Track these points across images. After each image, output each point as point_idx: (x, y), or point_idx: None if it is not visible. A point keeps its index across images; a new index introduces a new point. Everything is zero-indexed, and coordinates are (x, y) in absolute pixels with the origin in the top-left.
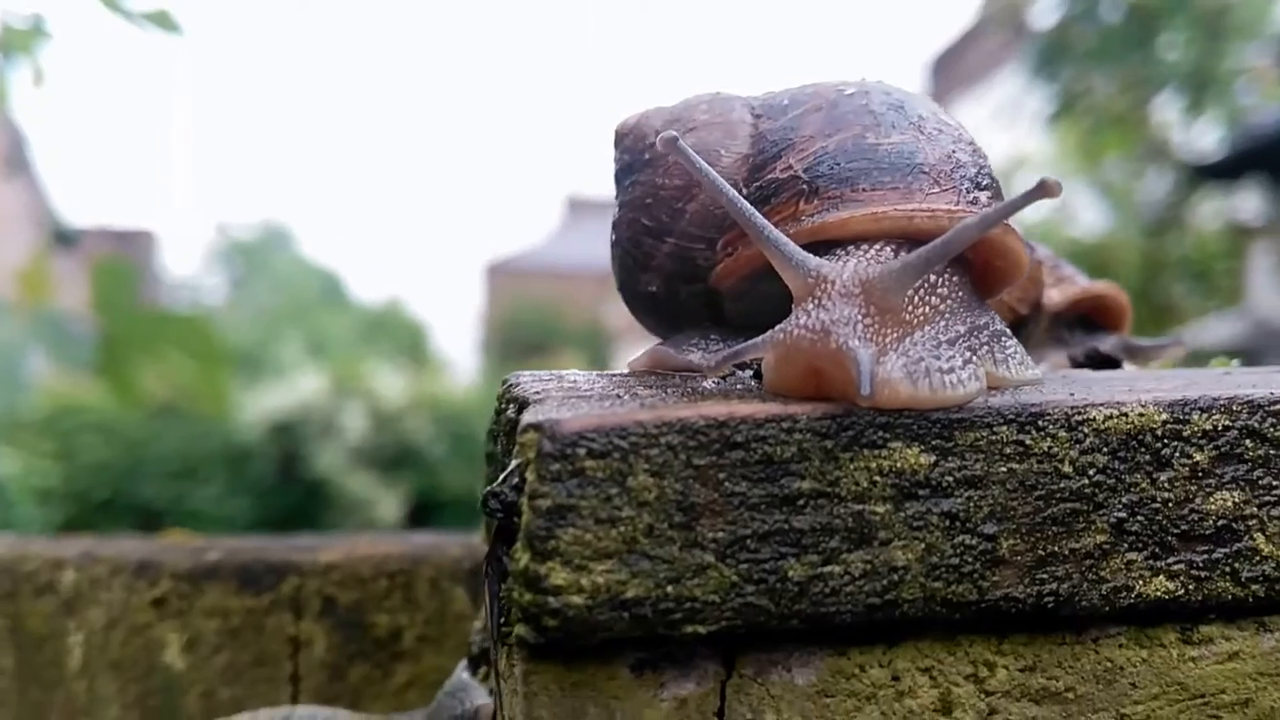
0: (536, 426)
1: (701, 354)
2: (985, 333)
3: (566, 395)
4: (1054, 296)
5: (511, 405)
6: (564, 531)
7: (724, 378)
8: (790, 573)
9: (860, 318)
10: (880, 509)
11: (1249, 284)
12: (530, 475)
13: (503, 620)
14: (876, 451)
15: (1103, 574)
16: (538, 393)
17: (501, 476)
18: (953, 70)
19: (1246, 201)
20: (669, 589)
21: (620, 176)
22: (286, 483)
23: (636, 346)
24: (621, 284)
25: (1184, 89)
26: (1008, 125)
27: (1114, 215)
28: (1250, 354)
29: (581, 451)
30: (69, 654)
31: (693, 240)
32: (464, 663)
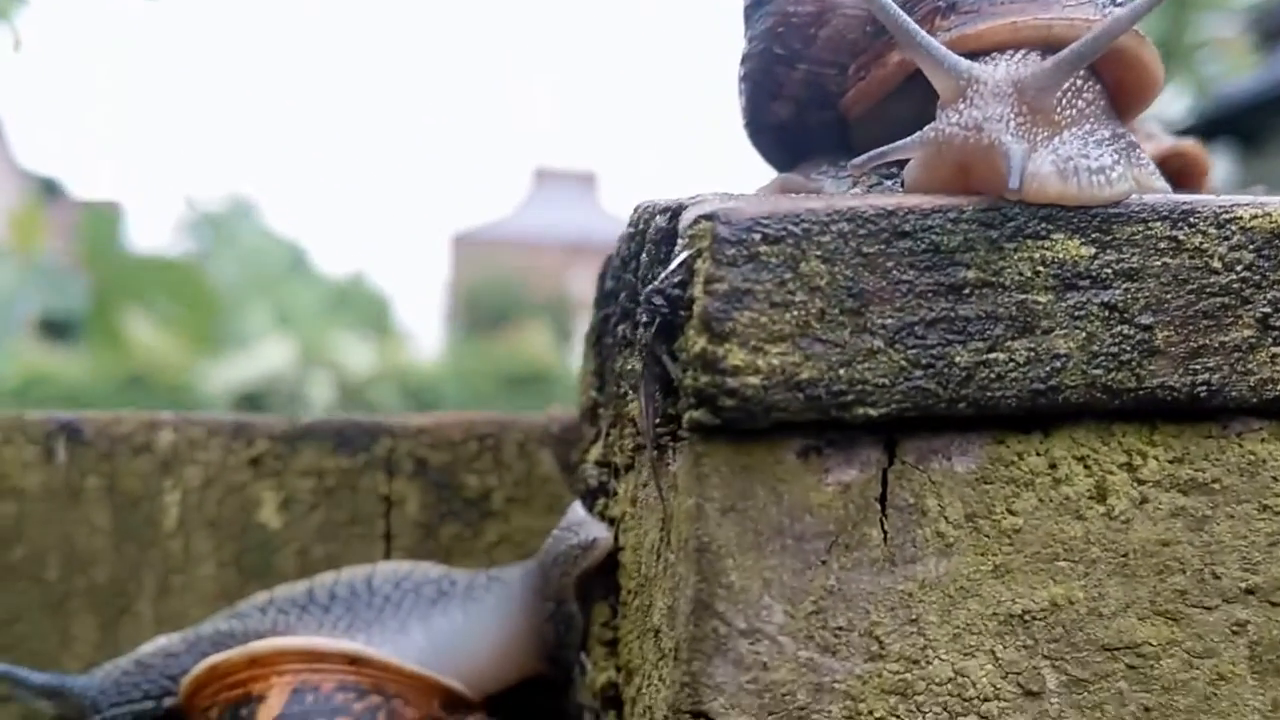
0: (709, 216)
1: (832, 179)
2: (1125, 140)
3: (720, 199)
4: (1146, 149)
5: (660, 216)
6: (740, 314)
7: (869, 188)
8: (957, 358)
9: (1012, 116)
10: (1043, 298)
11: None
12: (704, 263)
13: (658, 421)
14: (1039, 243)
15: (1250, 367)
16: (691, 198)
17: (664, 273)
18: None
19: (1216, 169)
20: (841, 372)
21: (750, 11)
22: None
23: None
24: (749, 118)
25: None
26: None
27: None
28: None
29: (756, 237)
30: (165, 512)
31: (825, 65)
32: (577, 502)
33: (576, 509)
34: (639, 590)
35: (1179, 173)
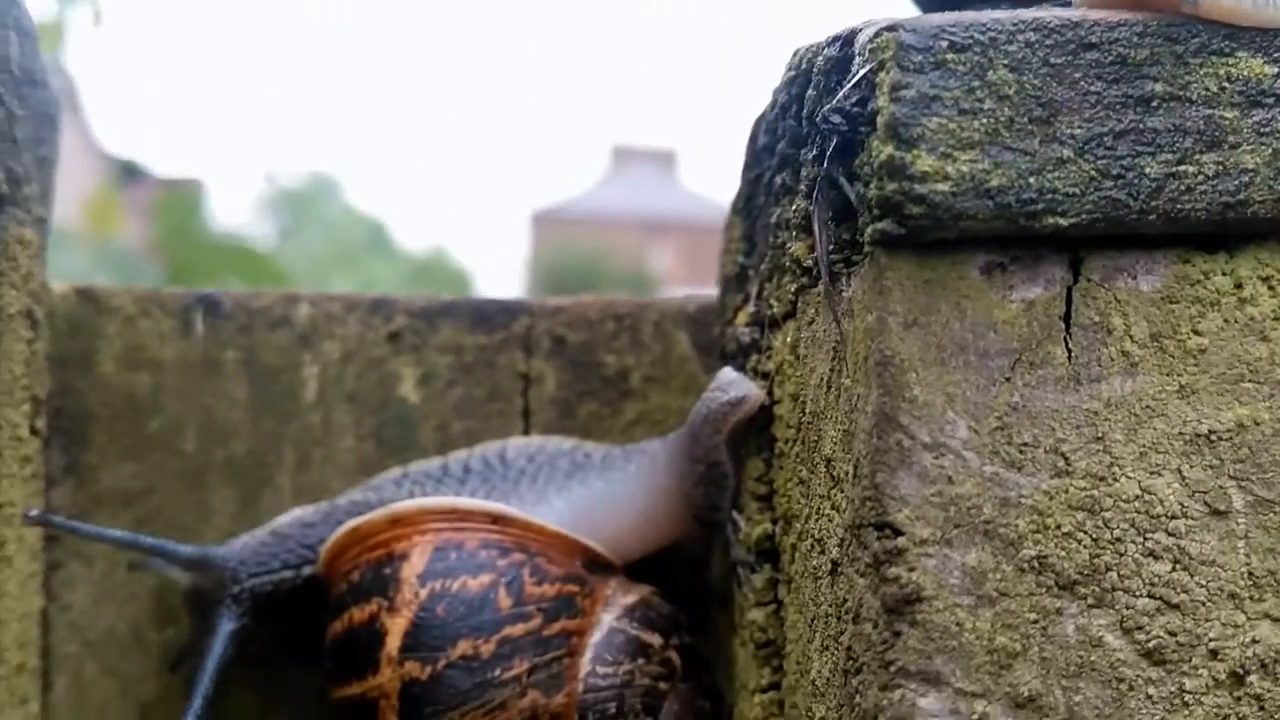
0: (892, 27)
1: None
2: None
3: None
4: None
5: (829, 48)
6: (928, 120)
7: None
8: (1147, 169)
9: None
10: (1229, 114)
11: None
12: (889, 73)
13: (831, 249)
14: (1224, 59)
15: None
16: (862, 23)
17: (844, 89)
18: None
19: None
20: (1031, 180)
21: None
22: None
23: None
24: None
25: None
26: None
27: None
28: None
29: (943, 44)
30: (304, 386)
31: None
32: (727, 367)
33: (726, 371)
34: (801, 432)
35: None
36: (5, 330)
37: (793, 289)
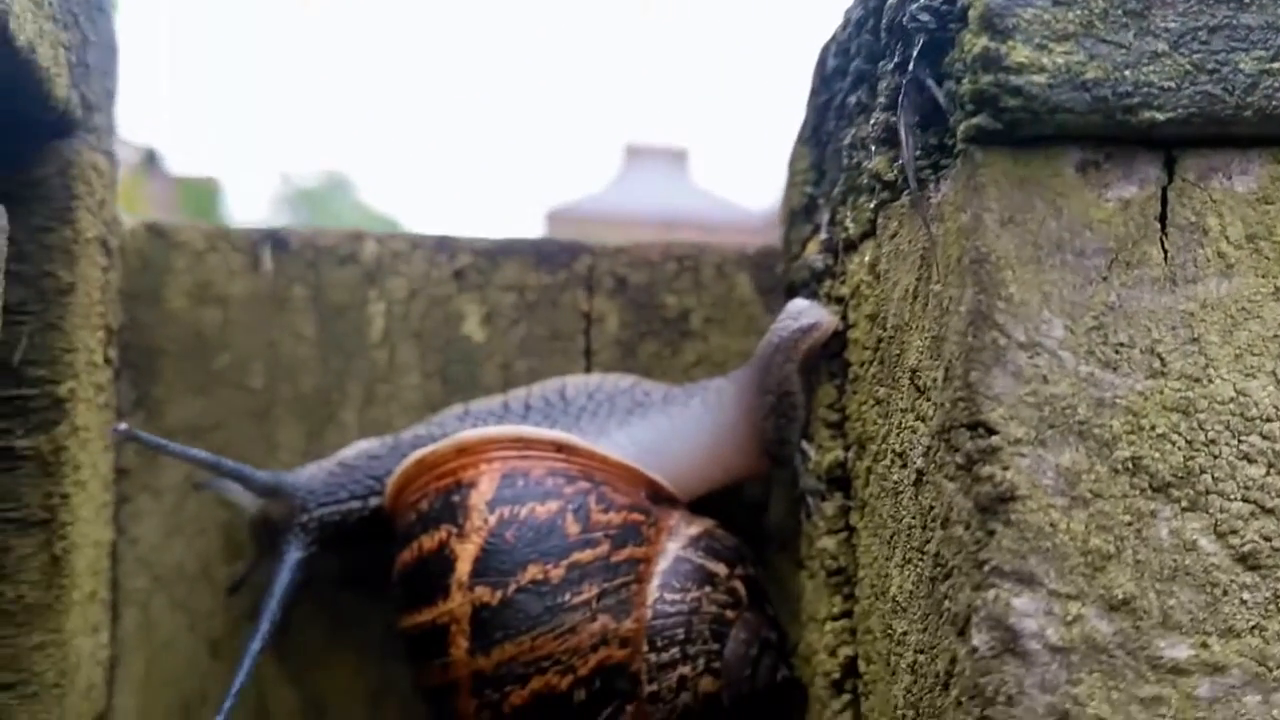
0: None
1: None
2: None
3: None
4: None
5: None
6: (1023, 10)
7: None
8: (1242, 65)
9: None
10: None
11: None
12: None
13: (918, 154)
14: None
15: None
16: None
17: None
18: None
19: None
20: (1127, 73)
21: None
22: None
23: None
24: None
25: None
26: None
27: None
28: None
29: None
30: (370, 323)
31: None
32: (797, 298)
33: (796, 302)
34: (879, 351)
35: None
36: (82, 255)
37: (871, 206)
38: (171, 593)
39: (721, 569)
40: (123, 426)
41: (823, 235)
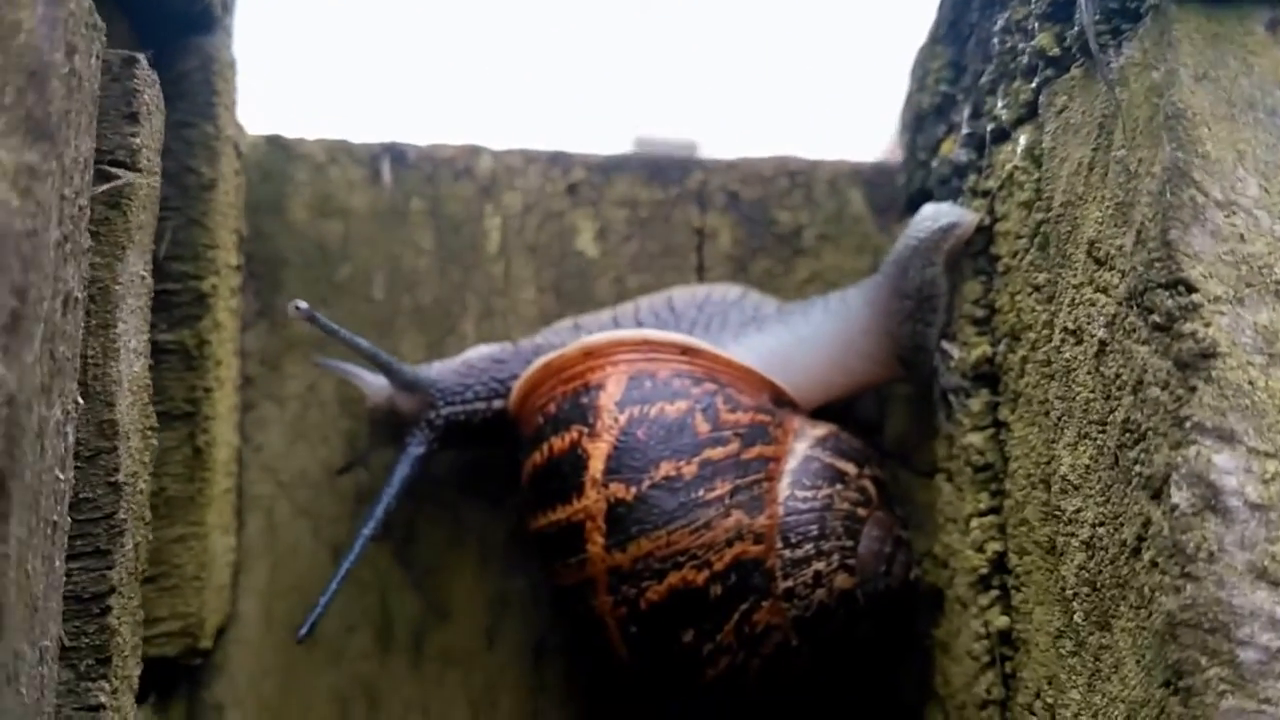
0: None
1: None
2: None
3: None
4: None
5: None
6: None
7: None
8: None
9: None
10: None
11: None
12: None
13: (1098, 19)
14: None
15: None
16: None
17: None
18: None
19: None
20: None
21: None
22: None
23: None
24: None
25: None
26: None
27: None
28: None
29: None
30: (486, 237)
31: None
32: (925, 205)
33: (926, 207)
34: (1038, 237)
35: None
36: (222, 151)
37: (1032, 87)
38: (295, 499)
39: (851, 468)
40: (303, 305)
41: (963, 130)
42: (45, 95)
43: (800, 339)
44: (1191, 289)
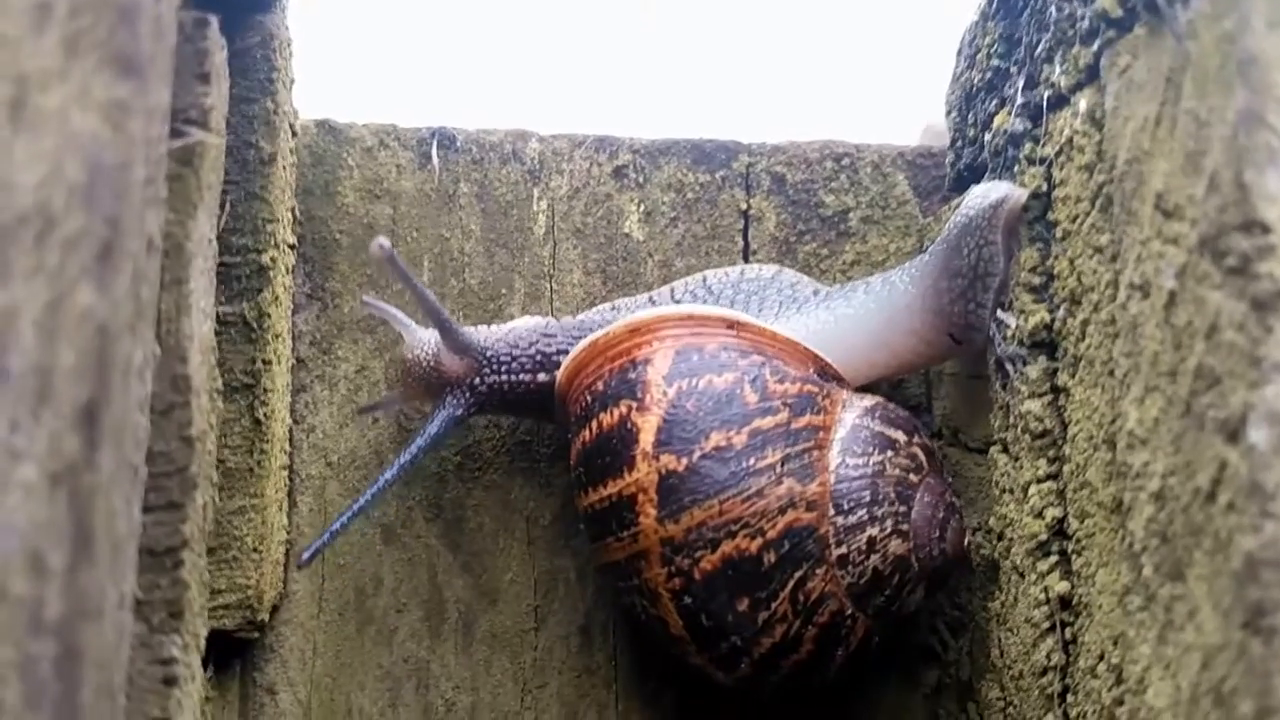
0: None
1: None
2: None
3: None
4: None
5: None
6: None
7: None
8: None
9: None
10: None
11: None
12: None
13: None
14: None
15: None
16: None
17: None
18: None
19: None
20: None
21: None
22: None
23: None
24: None
25: None
26: None
27: None
28: None
29: None
30: (534, 220)
31: None
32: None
33: (975, 187)
34: (1098, 200)
35: None
36: (281, 127)
37: (1093, 50)
38: (345, 480)
39: (900, 435)
40: (386, 243)
41: (1018, 101)
42: (135, 33)
43: (841, 318)
44: (1267, 230)
